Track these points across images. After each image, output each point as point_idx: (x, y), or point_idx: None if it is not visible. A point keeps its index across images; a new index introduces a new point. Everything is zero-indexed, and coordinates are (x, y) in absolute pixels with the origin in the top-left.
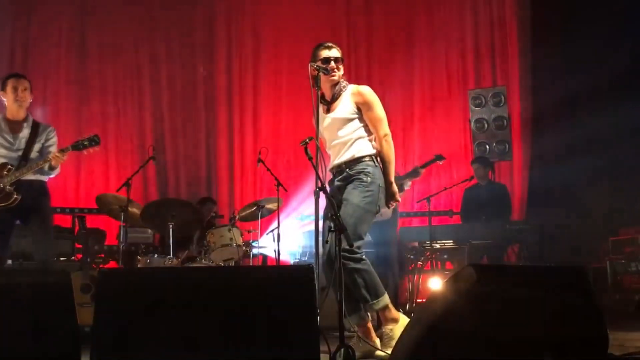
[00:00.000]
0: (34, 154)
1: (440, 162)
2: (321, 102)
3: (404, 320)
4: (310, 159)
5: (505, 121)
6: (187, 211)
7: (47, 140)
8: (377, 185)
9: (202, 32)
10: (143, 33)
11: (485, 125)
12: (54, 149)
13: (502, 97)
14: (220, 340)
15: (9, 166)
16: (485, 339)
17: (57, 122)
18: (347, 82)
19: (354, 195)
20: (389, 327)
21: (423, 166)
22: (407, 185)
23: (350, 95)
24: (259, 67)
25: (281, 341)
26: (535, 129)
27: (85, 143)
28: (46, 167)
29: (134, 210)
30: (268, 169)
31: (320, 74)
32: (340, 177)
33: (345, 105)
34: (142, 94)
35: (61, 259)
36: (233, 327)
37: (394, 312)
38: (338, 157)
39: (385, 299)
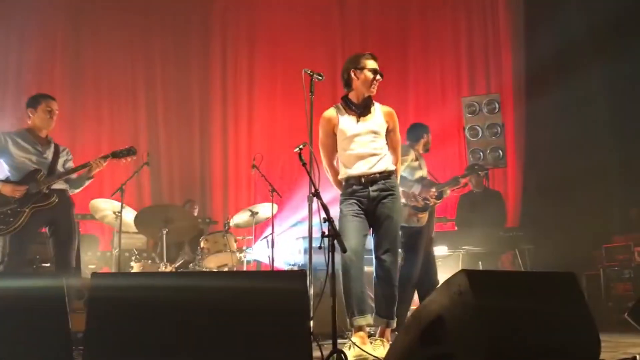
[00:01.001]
0: (59, 168)
1: (482, 174)
2: (350, 107)
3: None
4: (304, 164)
5: (499, 128)
6: (181, 217)
7: (67, 159)
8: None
9: (197, 38)
10: (138, 38)
11: (480, 133)
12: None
13: (496, 105)
14: (212, 346)
15: (42, 172)
16: (477, 344)
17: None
18: None
19: (396, 213)
20: (384, 339)
21: (463, 176)
22: (447, 193)
23: (382, 113)
24: (254, 73)
25: (273, 346)
26: (529, 136)
27: (124, 152)
28: (83, 175)
29: (128, 216)
30: (262, 175)
31: (314, 79)
32: (375, 187)
33: (379, 120)
34: (136, 99)
35: (44, 265)
36: (226, 332)
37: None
38: (369, 166)
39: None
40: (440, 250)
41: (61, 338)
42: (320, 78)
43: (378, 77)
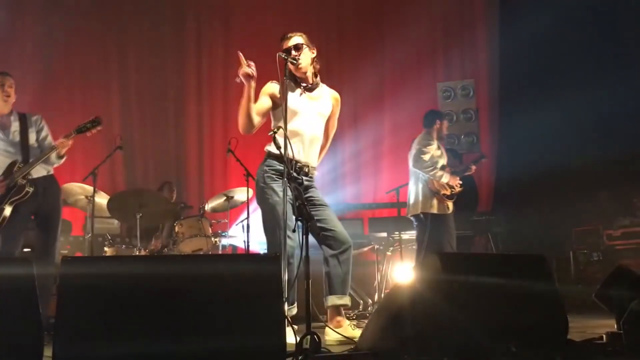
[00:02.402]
0: (32, 144)
1: (484, 160)
2: (295, 83)
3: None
4: (278, 148)
5: (473, 114)
6: (155, 201)
7: (39, 130)
8: None
9: (171, 20)
10: (111, 21)
11: (454, 118)
12: (50, 138)
13: (471, 90)
14: (185, 330)
15: (18, 163)
16: (449, 325)
17: (19, 110)
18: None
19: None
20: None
21: (474, 163)
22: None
23: (330, 97)
24: (229, 56)
25: (247, 329)
26: (502, 122)
27: (88, 125)
28: (53, 156)
29: (101, 200)
30: (237, 160)
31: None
32: (306, 178)
33: (327, 104)
34: (109, 81)
35: (25, 250)
36: (198, 316)
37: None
38: (308, 156)
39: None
40: (414, 234)
41: (31, 323)
42: (295, 62)
43: (294, 52)
